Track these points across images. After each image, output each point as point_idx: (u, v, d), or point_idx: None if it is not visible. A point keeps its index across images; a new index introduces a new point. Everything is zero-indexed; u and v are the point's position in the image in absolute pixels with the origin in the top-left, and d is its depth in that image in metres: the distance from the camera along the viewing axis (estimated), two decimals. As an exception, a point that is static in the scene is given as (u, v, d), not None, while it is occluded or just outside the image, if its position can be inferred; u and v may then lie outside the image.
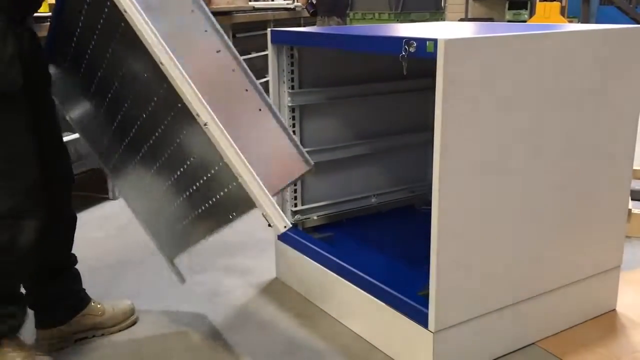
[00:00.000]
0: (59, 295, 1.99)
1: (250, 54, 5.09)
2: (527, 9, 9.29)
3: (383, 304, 1.94)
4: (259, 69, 5.23)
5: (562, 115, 1.87)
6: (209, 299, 2.36)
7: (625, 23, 6.91)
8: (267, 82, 2.32)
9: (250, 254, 2.75)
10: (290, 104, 2.33)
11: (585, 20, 8.56)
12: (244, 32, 4.98)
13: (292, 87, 2.33)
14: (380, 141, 2.63)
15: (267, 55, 2.34)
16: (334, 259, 2.15)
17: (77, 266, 2.06)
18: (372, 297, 1.98)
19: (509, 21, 9.11)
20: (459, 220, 1.72)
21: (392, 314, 1.90)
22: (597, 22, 9.09)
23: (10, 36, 1.56)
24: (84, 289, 2.09)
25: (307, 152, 2.42)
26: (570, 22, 7.82)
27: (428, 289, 1.75)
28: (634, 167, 2.20)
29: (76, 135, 2.05)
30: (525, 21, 8.56)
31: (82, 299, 2.07)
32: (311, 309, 2.27)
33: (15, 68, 1.55)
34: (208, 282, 2.50)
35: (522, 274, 1.92)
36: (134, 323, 2.16)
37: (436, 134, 1.63)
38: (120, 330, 2.11)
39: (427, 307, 1.77)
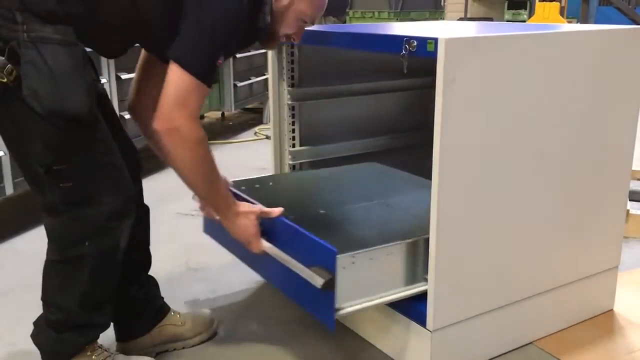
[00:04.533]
0: (139, 304, 1.94)
1: (249, 51, 5.09)
2: (526, 9, 9.30)
3: (381, 302, 1.94)
4: (258, 66, 5.24)
5: (561, 115, 1.87)
6: (206, 296, 2.36)
7: (624, 24, 6.92)
8: (266, 79, 2.32)
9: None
10: (289, 102, 2.33)
11: (585, 20, 8.58)
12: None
13: (292, 85, 2.33)
14: (380, 139, 2.63)
15: (267, 52, 2.34)
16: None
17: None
18: (370, 296, 1.98)
19: (508, 21, 9.12)
20: (458, 220, 1.72)
21: (390, 312, 1.90)
22: (596, 22, 9.10)
23: (87, 66, 1.61)
24: (163, 297, 2.02)
25: (306, 149, 2.45)
26: (570, 22, 7.82)
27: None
28: (633, 168, 2.20)
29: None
30: (524, 21, 8.57)
31: (162, 308, 2.00)
32: (309, 307, 2.27)
33: (92, 97, 1.59)
34: (205, 278, 2.50)
35: (520, 273, 1.92)
36: (215, 333, 2.07)
37: (436, 132, 1.63)
38: (201, 342, 2.02)
39: (425, 306, 1.77)
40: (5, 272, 2.58)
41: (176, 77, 1.55)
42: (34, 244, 2.81)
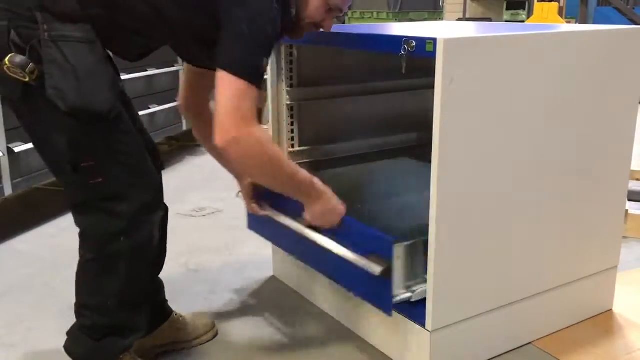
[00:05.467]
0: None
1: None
2: (524, 10, 9.30)
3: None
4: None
5: (560, 115, 1.87)
6: (206, 297, 2.36)
7: (623, 24, 6.91)
8: (265, 80, 2.32)
9: (247, 251, 2.75)
10: (288, 102, 2.33)
11: (583, 21, 8.58)
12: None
13: (291, 85, 2.33)
14: (380, 139, 2.63)
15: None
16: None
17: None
18: (370, 296, 1.98)
19: (507, 21, 9.12)
20: (457, 220, 1.72)
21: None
22: (594, 23, 9.10)
23: (109, 61, 1.62)
24: (167, 300, 2.03)
25: (305, 150, 2.45)
26: (568, 22, 7.83)
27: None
28: (632, 168, 2.20)
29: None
30: (523, 21, 8.57)
31: (166, 310, 2.01)
32: (307, 306, 2.28)
33: (115, 92, 1.60)
34: (205, 279, 2.50)
35: (520, 273, 1.92)
36: (215, 336, 2.08)
37: (435, 133, 1.63)
38: (200, 344, 2.02)
39: (424, 306, 1.77)
40: (5, 273, 2.58)
41: (226, 85, 1.54)
42: (33, 244, 2.81)
